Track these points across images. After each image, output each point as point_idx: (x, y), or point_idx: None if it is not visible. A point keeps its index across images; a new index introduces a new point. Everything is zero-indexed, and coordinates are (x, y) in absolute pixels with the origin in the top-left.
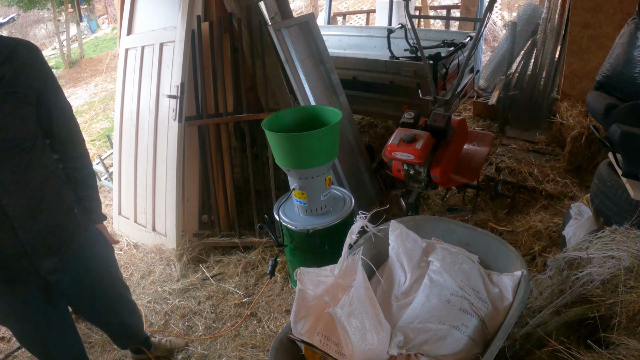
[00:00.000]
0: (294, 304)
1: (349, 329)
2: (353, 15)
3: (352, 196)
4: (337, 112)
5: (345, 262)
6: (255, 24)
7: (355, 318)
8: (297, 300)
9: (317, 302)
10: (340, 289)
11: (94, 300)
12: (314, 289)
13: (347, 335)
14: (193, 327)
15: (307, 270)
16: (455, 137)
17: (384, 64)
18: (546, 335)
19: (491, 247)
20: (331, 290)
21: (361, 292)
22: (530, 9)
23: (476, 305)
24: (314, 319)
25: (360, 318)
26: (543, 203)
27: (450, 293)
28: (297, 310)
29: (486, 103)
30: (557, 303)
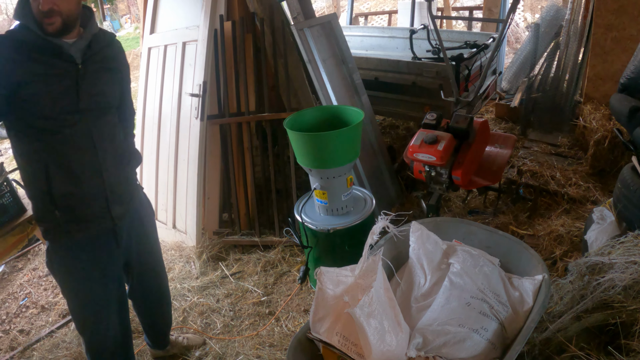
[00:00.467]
0: (313, 303)
1: (368, 329)
2: (375, 16)
3: (373, 197)
4: (359, 112)
5: (366, 262)
6: (277, 24)
7: (375, 319)
8: (317, 300)
9: (336, 301)
10: (360, 289)
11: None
12: (333, 288)
13: (366, 336)
14: (211, 325)
15: (327, 270)
16: (477, 139)
17: (406, 64)
18: (566, 341)
19: (512, 250)
20: (351, 291)
21: (381, 293)
22: (553, 10)
23: (496, 309)
24: (333, 318)
25: (380, 319)
26: (565, 207)
27: (470, 296)
28: (316, 309)
29: (508, 105)
30: (578, 308)
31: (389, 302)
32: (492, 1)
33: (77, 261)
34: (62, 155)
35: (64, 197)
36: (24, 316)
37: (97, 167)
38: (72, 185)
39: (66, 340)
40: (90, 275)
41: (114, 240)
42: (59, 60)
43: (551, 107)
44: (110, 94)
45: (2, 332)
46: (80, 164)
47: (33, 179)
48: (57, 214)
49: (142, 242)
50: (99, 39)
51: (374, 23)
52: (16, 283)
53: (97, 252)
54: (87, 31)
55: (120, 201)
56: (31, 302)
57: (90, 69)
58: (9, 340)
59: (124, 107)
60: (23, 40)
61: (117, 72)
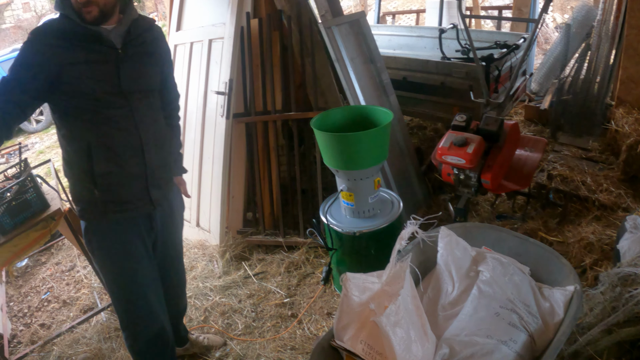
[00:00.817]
0: (338, 310)
1: (394, 339)
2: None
3: (400, 199)
4: (388, 113)
5: (393, 268)
6: (305, 22)
7: (401, 328)
8: (342, 306)
9: (362, 309)
10: (386, 297)
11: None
12: (359, 295)
13: (391, 346)
14: (232, 325)
15: (354, 276)
16: (507, 142)
17: (435, 64)
18: (596, 355)
19: (543, 258)
20: (377, 298)
21: (408, 301)
22: (584, 11)
23: (526, 320)
24: (358, 326)
25: (406, 328)
26: (595, 214)
27: (499, 305)
28: (340, 316)
29: (538, 107)
30: (609, 321)
31: (415, 311)
32: (522, 1)
33: (116, 241)
34: (104, 135)
35: (104, 177)
36: (46, 310)
37: (138, 148)
38: (112, 164)
39: (86, 336)
40: (129, 256)
41: (149, 224)
42: (99, 45)
43: (582, 110)
44: (150, 77)
45: (24, 326)
46: (121, 144)
47: (75, 158)
48: (96, 193)
49: (169, 234)
50: (138, 24)
51: (400, 22)
52: (39, 277)
53: (135, 233)
54: (126, 17)
55: (159, 185)
56: (53, 297)
57: (130, 53)
58: (30, 334)
59: (167, 90)
60: (64, 29)
61: (157, 56)
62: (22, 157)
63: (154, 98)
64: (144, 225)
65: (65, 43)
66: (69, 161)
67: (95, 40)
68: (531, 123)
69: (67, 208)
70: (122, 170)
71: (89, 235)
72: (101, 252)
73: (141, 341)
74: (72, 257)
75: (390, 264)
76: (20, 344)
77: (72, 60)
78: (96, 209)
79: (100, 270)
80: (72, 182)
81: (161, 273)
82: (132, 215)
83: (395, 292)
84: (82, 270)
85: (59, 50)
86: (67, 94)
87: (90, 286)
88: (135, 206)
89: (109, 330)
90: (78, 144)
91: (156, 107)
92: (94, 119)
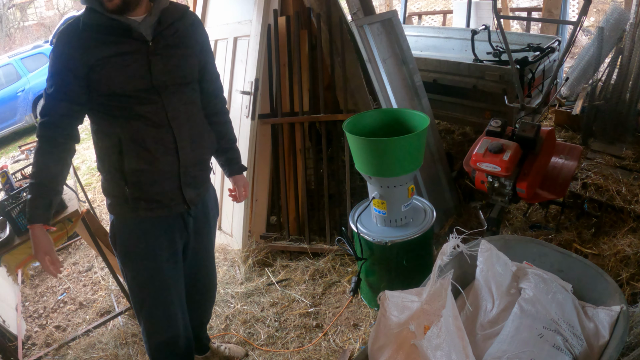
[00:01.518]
0: (374, 330)
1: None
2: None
3: (432, 207)
4: (424, 117)
5: (434, 286)
6: (335, 20)
7: (442, 351)
8: (378, 326)
9: (400, 329)
10: (426, 316)
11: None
12: (398, 315)
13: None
14: (254, 335)
15: (392, 294)
16: (543, 149)
17: (467, 67)
18: None
19: (586, 275)
20: (416, 318)
21: (450, 322)
22: (616, 14)
23: (570, 342)
24: (395, 347)
25: (447, 351)
26: (632, 225)
27: (542, 326)
28: (376, 336)
29: (569, 112)
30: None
31: (457, 332)
32: (552, 3)
33: (142, 240)
34: (135, 131)
35: (134, 174)
36: (61, 312)
37: (171, 145)
38: (144, 162)
39: (102, 340)
40: (153, 256)
41: (182, 226)
42: (128, 39)
43: (613, 116)
44: (185, 69)
45: (39, 327)
46: (153, 141)
47: (106, 154)
48: (127, 190)
49: (202, 238)
50: (170, 13)
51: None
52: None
53: (164, 234)
54: (156, 6)
55: (194, 185)
56: (69, 298)
57: (161, 45)
58: (45, 336)
59: (207, 81)
60: (91, 24)
61: (191, 46)
62: None
63: (190, 92)
64: (177, 226)
65: (90, 41)
66: (101, 156)
67: (124, 33)
68: (562, 129)
69: (85, 210)
70: (154, 168)
71: (114, 230)
72: (124, 249)
73: (153, 344)
74: (89, 258)
75: (430, 280)
76: (35, 346)
77: (100, 57)
78: (126, 205)
79: (121, 267)
80: (104, 177)
81: (189, 278)
82: (163, 214)
83: (435, 311)
84: (100, 272)
85: (85, 49)
86: (97, 91)
87: (108, 288)
88: (167, 205)
89: (126, 336)
90: (109, 141)
91: (192, 102)
92: (125, 116)
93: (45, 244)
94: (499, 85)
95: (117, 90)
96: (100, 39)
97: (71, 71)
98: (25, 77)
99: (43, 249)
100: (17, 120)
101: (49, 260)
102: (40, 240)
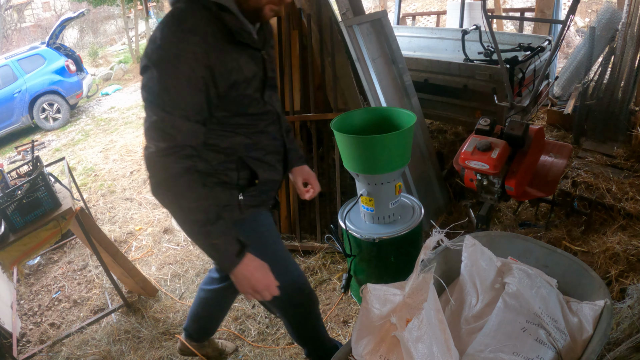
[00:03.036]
0: (357, 322)
1: (415, 355)
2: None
3: (421, 205)
4: (411, 115)
5: (416, 279)
6: (325, 21)
7: (423, 343)
8: (361, 319)
9: (382, 322)
10: (408, 309)
11: None
12: (380, 307)
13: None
14: (245, 332)
15: (374, 287)
16: (532, 147)
17: (458, 66)
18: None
19: (571, 271)
20: (399, 310)
21: (431, 315)
22: (608, 13)
23: (554, 336)
24: (378, 339)
25: (429, 343)
26: (621, 223)
27: (526, 320)
28: (359, 328)
29: (561, 112)
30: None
31: (439, 325)
32: (544, 3)
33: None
34: (255, 145)
35: (250, 186)
36: (56, 310)
37: (282, 152)
38: (262, 172)
39: (96, 337)
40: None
41: None
42: (246, 47)
43: (605, 116)
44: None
45: (33, 325)
46: (270, 151)
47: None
48: (241, 199)
49: None
50: None
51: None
52: (50, 275)
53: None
54: None
55: None
56: (64, 296)
57: (266, 51)
58: (39, 333)
59: None
60: (215, 27)
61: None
62: (34, 155)
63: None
64: None
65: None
66: (210, 172)
67: (245, 41)
68: (554, 128)
69: (79, 207)
70: (268, 179)
71: None
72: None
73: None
74: (84, 257)
75: (413, 274)
76: (29, 343)
77: (224, 66)
78: (234, 209)
79: None
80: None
81: None
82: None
83: (418, 304)
84: (94, 270)
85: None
86: (218, 106)
87: (102, 286)
88: (266, 208)
89: (119, 333)
90: (225, 157)
91: None
92: (246, 130)
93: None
94: (489, 85)
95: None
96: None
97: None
98: (22, 78)
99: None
100: (13, 121)
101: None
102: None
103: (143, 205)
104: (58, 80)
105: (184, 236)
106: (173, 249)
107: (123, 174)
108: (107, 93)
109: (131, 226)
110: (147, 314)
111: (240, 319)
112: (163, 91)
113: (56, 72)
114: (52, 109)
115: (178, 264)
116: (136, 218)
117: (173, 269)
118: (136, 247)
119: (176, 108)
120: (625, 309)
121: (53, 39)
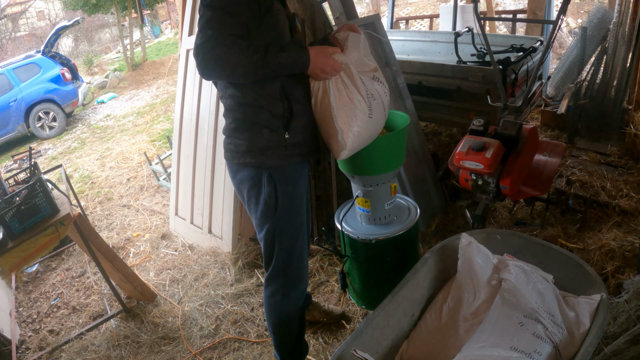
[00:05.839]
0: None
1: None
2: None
3: (417, 206)
4: (405, 117)
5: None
6: (319, 25)
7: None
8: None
9: None
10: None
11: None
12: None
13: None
14: (245, 335)
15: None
16: (526, 146)
17: (451, 68)
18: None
19: (567, 266)
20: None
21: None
22: (600, 13)
23: (551, 331)
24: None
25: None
26: (616, 220)
27: (523, 315)
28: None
29: (555, 112)
30: (635, 331)
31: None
32: (536, 4)
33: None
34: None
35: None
36: (55, 316)
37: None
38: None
39: (95, 343)
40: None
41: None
42: None
43: (599, 115)
44: None
45: (32, 332)
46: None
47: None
48: (287, 136)
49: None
50: None
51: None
52: (49, 282)
53: (305, 181)
54: None
55: None
56: (62, 303)
57: None
58: (39, 340)
59: None
60: None
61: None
62: (32, 162)
63: None
64: (308, 172)
65: None
66: (257, 107)
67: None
68: (548, 128)
69: (77, 213)
70: (305, 115)
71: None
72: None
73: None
74: (82, 263)
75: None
76: (29, 350)
77: None
78: (284, 152)
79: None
80: (255, 132)
81: None
82: (306, 159)
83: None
84: (93, 277)
85: None
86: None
87: (100, 293)
88: (309, 150)
89: (118, 338)
90: (270, 87)
91: None
92: None
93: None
94: (482, 86)
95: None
96: None
97: None
98: (17, 87)
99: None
100: (9, 130)
101: None
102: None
103: (140, 212)
104: (54, 89)
105: (182, 241)
106: (171, 254)
107: (120, 181)
108: (103, 101)
109: (129, 233)
110: (146, 319)
111: (239, 322)
112: None
113: (52, 80)
114: (48, 118)
115: (176, 269)
116: (134, 225)
117: (171, 274)
118: (134, 254)
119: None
120: (621, 304)
121: (48, 48)
